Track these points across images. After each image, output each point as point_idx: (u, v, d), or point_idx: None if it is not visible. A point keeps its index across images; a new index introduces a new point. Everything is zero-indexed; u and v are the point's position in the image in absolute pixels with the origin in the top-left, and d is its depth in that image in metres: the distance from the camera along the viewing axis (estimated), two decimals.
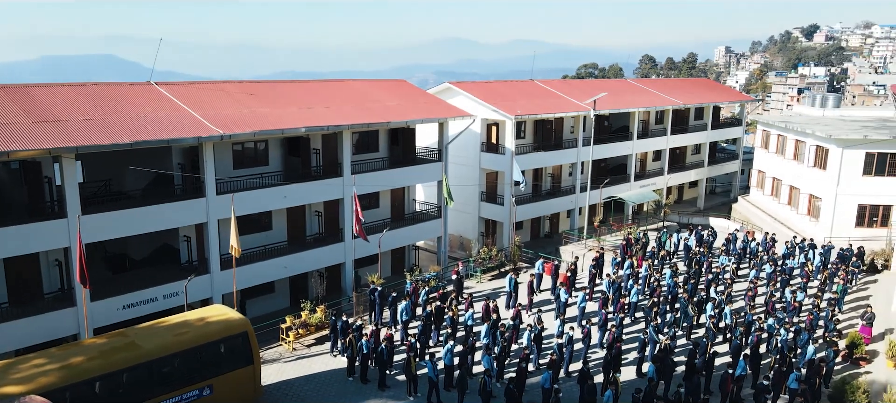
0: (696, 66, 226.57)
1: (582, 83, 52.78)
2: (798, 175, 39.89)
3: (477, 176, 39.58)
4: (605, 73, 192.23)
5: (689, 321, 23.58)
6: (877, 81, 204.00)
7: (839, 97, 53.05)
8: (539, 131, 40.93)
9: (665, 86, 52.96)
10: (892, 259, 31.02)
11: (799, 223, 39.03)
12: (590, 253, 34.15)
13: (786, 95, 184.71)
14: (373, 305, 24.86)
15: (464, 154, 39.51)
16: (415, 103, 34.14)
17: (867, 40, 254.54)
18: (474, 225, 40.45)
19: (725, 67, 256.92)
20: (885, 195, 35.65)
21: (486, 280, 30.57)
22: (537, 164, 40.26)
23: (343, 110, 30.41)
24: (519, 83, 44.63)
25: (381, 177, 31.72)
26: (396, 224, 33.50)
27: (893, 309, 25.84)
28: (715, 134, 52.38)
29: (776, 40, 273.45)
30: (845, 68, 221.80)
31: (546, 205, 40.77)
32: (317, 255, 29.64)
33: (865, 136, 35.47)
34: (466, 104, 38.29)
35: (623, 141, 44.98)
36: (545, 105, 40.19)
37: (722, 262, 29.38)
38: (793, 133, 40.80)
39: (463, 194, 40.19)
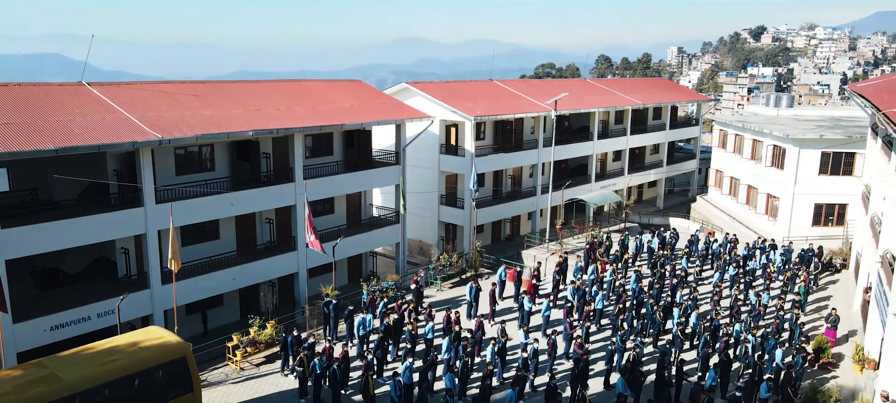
0: (650, 66, 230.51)
1: (542, 83, 52.24)
2: (756, 174, 40.04)
3: (436, 178, 38.45)
4: (563, 73, 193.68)
5: (655, 327, 22.95)
6: (821, 81, 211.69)
7: (792, 97, 53.84)
8: (499, 132, 40.07)
9: (624, 86, 52.84)
10: (849, 258, 31.16)
11: (757, 222, 39.17)
12: (553, 257, 33.40)
13: (736, 94, 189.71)
14: (327, 319, 23.44)
15: (422, 156, 38.33)
16: (370, 104, 32.79)
17: (811, 41, 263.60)
18: (434, 229, 39.32)
19: (678, 67, 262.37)
20: (841, 194, 35.96)
21: (446, 288, 29.46)
22: (498, 166, 39.38)
23: (294, 112, 28.88)
24: (478, 83, 43.70)
25: (335, 182, 30.31)
26: (353, 230, 32.11)
27: (855, 309, 25.77)
28: (673, 133, 52.54)
29: (726, 41, 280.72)
30: (791, 68, 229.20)
31: (507, 208, 39.93)
32: (268, 265, 28.06)
33: (821, 136, 35.72)
34: (424, 105, 37.12)
35: (583, 141, 44.52)
36: (505, 105, 39.33)
37: (684, 265, 28.94)
38: (750, 133, 40.95)
39: (422, 197, 39.02)
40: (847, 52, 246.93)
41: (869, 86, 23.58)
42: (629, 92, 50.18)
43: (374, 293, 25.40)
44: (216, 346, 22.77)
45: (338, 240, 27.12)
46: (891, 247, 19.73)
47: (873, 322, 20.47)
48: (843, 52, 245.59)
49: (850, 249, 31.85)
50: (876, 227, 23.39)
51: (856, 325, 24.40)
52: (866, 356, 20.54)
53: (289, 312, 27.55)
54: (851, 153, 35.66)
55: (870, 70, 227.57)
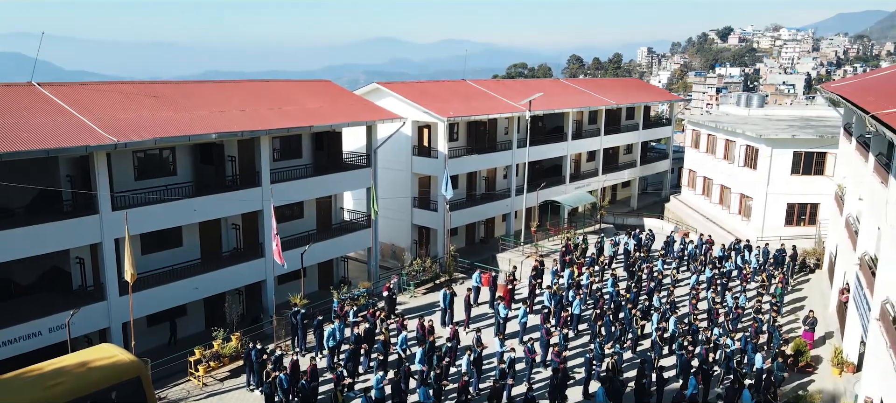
0: (621, 66, 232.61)
1: (514, 83, 51.74)
2: (729, 174, 40.05)
3: (408, 181, 37.60)
4: (535, 73, 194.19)
5: (633, 333, 22.47)
6: (786, 81, 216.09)
7: (763, 97, 54.25)
8: (472, 133, 39.38)
9: (597, 86, 52.61)
10: (823, 257, 31.19)
11: (731, 222, 39.17)
12: (528, 260, 32.83)
13: (705, 94, 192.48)
14: (295, 329, 22.46)
15: (395, 158, 37.45)
16: (340, 105, 31.82)
17: (776, 42, 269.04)
18: (407, 232, 38.46)
19: (648, 67, 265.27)
20: (812, 194, 36.11)
21: (420, 294, 28.66)
22: (471, 168, 38.68)
23: (261, 113, 27.78)
24: (450, 83, 42.97)
25: (304, 186, 29.26)
26: (323, 235, 31.11)
27: (831, 310, 25.69)
28: (646, 133, 52.49)
29: (694, 42, 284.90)
30: (758, 69, 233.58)
31: (481, 210, 39.26)
32: (234, 273, 26.90)
33: (793, 136, 35.80)
34: (396, 106, 36.24)
35: (557, 142, 44.09)
36: (478, 106, 38.67)
37: (660, 267, 28.60)
38: (723, 133, 40.97)
39: (394, 200, 38.14)
40: (811, 52, 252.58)
41: (845, 87, 23.50)
42: (602, 92, 49.97)
43: (344, 301, 24.48)
44: (178, 361, 21.62)
45: (306, 247, 26.11)
46: (869, 249, 19.54)
47: (852, 324, 20.28)
48: (807, 53, 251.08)
49: (823, 249, 31.91)
50: (852, 228, 23.29)
51: (832, 327, 24.29)
52: (845, 359, 20.33)
53: (257, 322, 26.47)
54: (823, 153, 35.83)
55: (833, 70, 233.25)
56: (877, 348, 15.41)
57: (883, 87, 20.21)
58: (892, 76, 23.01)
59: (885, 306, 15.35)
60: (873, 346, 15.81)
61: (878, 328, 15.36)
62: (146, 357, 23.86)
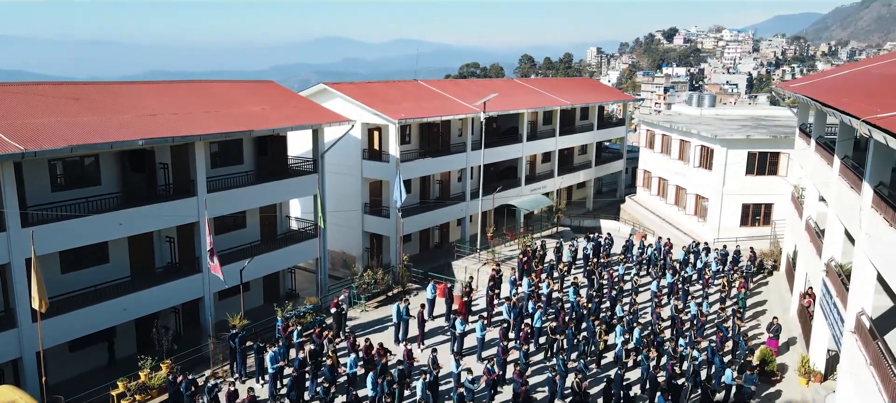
0: (571, 66, 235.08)
1: (468, 83, 50.53)
2: (684, 175, 39.77)
3: (359, 186, 35.87)
4: (487, 73, 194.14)
5: (596, 346, 21.40)
6: (730, 81, 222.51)
7: (714, 97, 54.60)
8: (425, 135, 37.93)
9: (551, 86, 51.91)
10: (780, 259, 30.98)
11: (687, 223, 38.87)
12: (485, 267, 31.57)
13: (654, 93, 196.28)
14: (234, 353, 20.54)
15: (344, 162, 35.66)
16: (284, 108, 29.88)
17: (719, 43, 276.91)
18: (358, 240, 36.70)
19: (598, 67, 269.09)
20: (766, 194, 36.08)
21: (371, 308, 27.01)
22: (424, 171, 37.21)
23: (196, 117, 25.64)
24: (402, 84, 41.41)
25: (245, 195, 27.22)
26: (268, 246, 29.12)
27: (792, 314, 25.28)
28: (601, 133, 52.06)
29: (641, 42, 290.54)
30: (702, 68, 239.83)
31: (435, 216, 37.83)
32: (168, 291, 24.69)
33: (748, 136, 35.65)
34: (345, 107, 34.48)
35: (513, 143, 43.06)
36: (431, 107, 37.23)
37: (620, 273, 27.75)
38: (677, 133, 40.67)
39: (344, 206, 36.35)
40: (751, 53, 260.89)
41: (806, 87, 23.07)
42: (557, 92, 49.25)
43: (288, 319, 22.66)
44: (101, 393, 19.42)
45: (245, 262, 24.13)
46: (835, 255, 18.96)
47: (819, 332, 19.70)
48: (748, 53, 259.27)
49: (780, 250, 31.71)
50: (813, 231, 22.83)
51: (794, 332, 23.82)
52: (812, 368, 19.75)
53: (195, 344, 24.33)
54: (776, 153, 35.82)
55: (772, 70, 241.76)
56: (852, 361, 14.67)
57: (849, 87, 19.70)
58: (851, 75, 22.66)
59: (860, 318, 14.61)
60: (848, 359, 15.08)
61: (853, 341, 14.61)
62: (72, 384, 21.63)
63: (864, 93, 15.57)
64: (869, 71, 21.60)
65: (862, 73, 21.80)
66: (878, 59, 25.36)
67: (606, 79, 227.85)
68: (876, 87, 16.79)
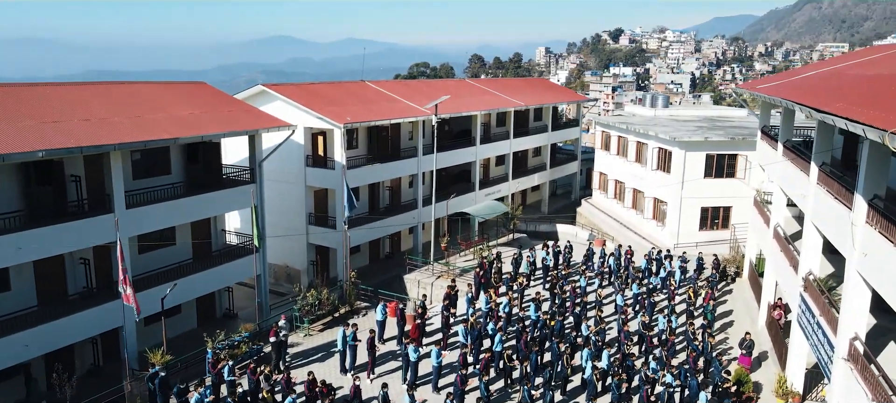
0: (521, 66, 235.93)
1: (418, 84, 48.46)
2: (642, 178, 38.75)
3: (303, 195, 33.35)
4: (437, 72, 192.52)
5: (563, 372, 19.69)
6: (674, 80, 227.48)
7: (667, 97, 54.12)
8: (374, 139, 35.71)
9: (504, 87, 50.34)
10: (743, 265, 30.09)
11: (646, 228, 37.85)
12: (439, 281, 29.61)
13: (602, 93, 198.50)
14: (153, 397, 17.92)
15: (286, 170, 33.12)
16: (217, 112, 27.16)
17: (663, 43, 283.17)
18: (303, 252, 34.17)
19: (547, 67, 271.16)
20: (725, 197, 35.35)
21: (316, 331, 24.63)
22: (373, 178, 34.99)
23: (112, 123, 22.73)
24: (348, 85, 39.05)
25: (172, 209, 24.43)
26: (200, 264, 26.39)
27: (760, 326, 24.22)
28: (555, 135, 50.83)
29: (588, 42, 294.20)
30: (647, 68, 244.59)
31: (385, 225, 35.61)
32: (81, 321, 21.72)
33: (706, 138, 34.80)
34: (286, 111, 31.94)
35: (466, 146, 41.25)
36: (379, 109, 35.02)
37: (582, 285, 26.21)
38: (634, 135, 39.64)
39: (287, 217, 33.79)
40: (693, 53, 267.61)
41: (776, 86, 22.00)
42: (510, 92, 47.73)
43: (220, 351, 20.13)
44: None
45: (168, 289, 21.43)
46: (814, 268, 17.76)
47: (797, 350, 18.50)
48: (691, 54, 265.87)
49: (742, 256, 30.84)
50: (783, 239, 21.75)
51: (764, 345, 22.71)
52: (790, 388, 18.53)
53: (117, 380, 21.43)
54: (734, 155, 35.11)
55: (714, 70, 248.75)
56: (847, 391, 13.33)
57: (829, 89, 18.58)
58: (823, 76, 21.69)
59: (853, 344, 13.28)
60: (842, 388, 13.74)
61: (847, 369, 13.28)
62: None
63: (860, 97, 14.29)
64: (841, 72, 20.63)
65: (834, 75, 20.82)
66: (845, 58, 24.63)
67: (555, 78, 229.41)
68: (866, 90, 15.61)
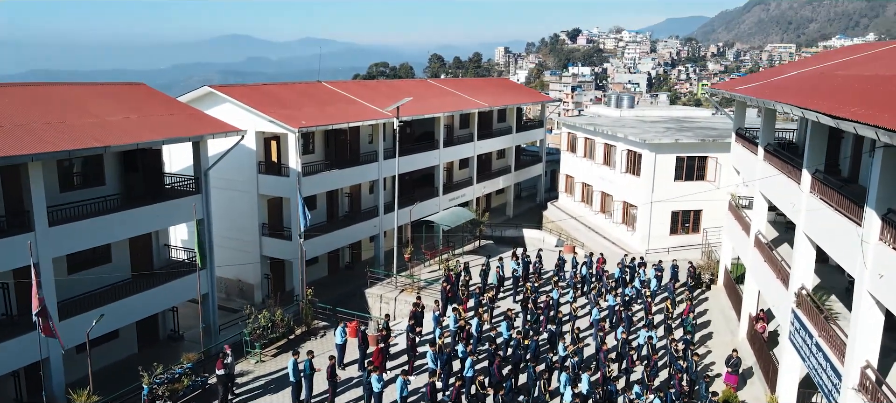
0: (481, 65, 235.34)
1: (378, 85, 46.46)
2: (610, 181, 37.64)
3: (255, 204, 31.08)
4: (397, 72, 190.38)
5: (541, 398, 18.13)
6: (631, 80, 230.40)
7: (633, 97, 53.38)
8: (332, 144, 33.65)
9: (467, 87, 48.73)
10: (718, 271, 29.13)
11: (615, 232, 36.74)
12: (402, 295, 27.79)
13: (562, 92, 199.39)
14: None
15: (236, 177, 30.83)
16: (157, 116, 24.75)
17: (619, 43, 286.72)
18: (256, 265, 31.88)
19: (506, 66, 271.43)
20: (695, 200, 34.39)
21: (269, 357, 22.50)
22: (331, 185, 32.92)
23: (30, 130, 20.16)
24: (304, 86, 36.83)
25: (104, 225, 21.92)
26: (140, 283, 23.94)
27: (741, 337, 23.16)
28: (520, 136, 49.49)
29: (547, 42, 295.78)
30: (605, 68, 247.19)
31: (344, 234, 33.57)
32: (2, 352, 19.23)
33: (676, 140, 33.84)
34: (235, 114, 29.66)
35: (429, 150, 39.50)
36: (337, 112, 32.98)
37: (555, 298, 24.75)
38: (601, 136, 38.51)
39: (238, 228, 31.50)
40: (649, 53, 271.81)
41: (758, 88, 20.93)
42: (473, 93, 46.16)
43: (158, 386, 17.89)
44: None
45: (94, 320, 19.03)
46: (806, 282, 16.61)
47: (788, 367, 17.35)
48: (646, 54, 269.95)
49: (716, 262, 29.90)
50: (764, 246, 20.66)
51: (747, 359, 21.58)
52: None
53: None
54: (704, 157, 34.27)
55: (669, 69, 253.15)
56: None
57: (815, 89, 17.48)
58: (807, 76, 20.70)
59: (865, 372, 12.03)
60: None
61: (859, 401, 12.00)
62: None
63: (857, 99, 13.09)
64: (824, 71, 19.64)
65: (817, 75, 19.81)
66: (826, 57, 23.75)
67: (515, 78, 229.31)
68: (860, 92, 14.48)
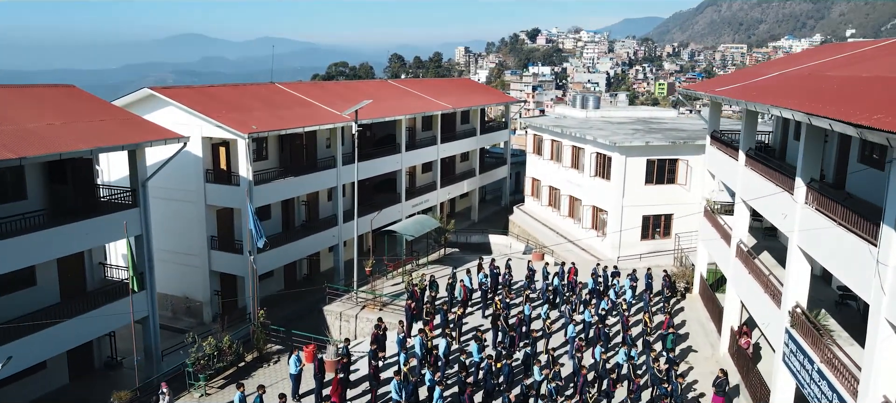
0: (441, 65, 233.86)
1: (336, 86, 44.29)
2: (578, 185, 36.40)
3: (202, 216, 28.72)
4: (357, 72, 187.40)
5: None
6: (591, 80, 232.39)
7: (598, 98, 52.40)
8: (287, 149, 31.53)
9: (429, 88, 47.01)
10: (693, 279, 28.09)
11: (585, 238, 35.49)
12: (364, 313, 25.89)
13: (523, 92, 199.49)
14: None
15: (182, 186, 28.47)
16: (84, 121, 22.28)
17: (578, 43, 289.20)
18: (205, 281, 29.54)
19: (466, 66, 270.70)
20: (666, 204, 33.51)
21: (215, 390, 20.30)
22: (287, 194, 30.77)
23: None
24: (256, 87, 34.52)
25: (25, 245, 19.47)
26: (70, 307, 21.46)
27: (722, 353, 22.04)
28: (484, 138, 48.01)
29: (507, 42, 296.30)
30: (565, 68, 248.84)
31: (301, 246, 31.44)
32: None
33: (647, 143, 32.77)
34: (180, 118, 27.32)
35: (390, 154, 37.63)
36: (291, 116, 30.85)
37: (528, 314, 23.23)
38: (569, 139, 37.24)
39: (184, 241, 29.12)
40: (607, 53, 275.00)
41: (741, 89, 19.76)
42: (435, 94, 44.48)
43: None
44: None
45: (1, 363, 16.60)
46: (800, 300, 15.41)
47: (783, 390, 16.11)
48: (605, 54, 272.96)
49: (690, 269, 28.88)
50: (749, 258, 19.52)
51: (730, 374, 20.40)
52: None
53: None
54: (674, 160, 33.30)
55: (627, 69, 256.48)
56: None
57: (807, 91, 16.30)
58: (793, 76, 19.61)
59: None
60: None
61: None
62: None
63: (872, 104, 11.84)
64: (813, 72, 18.57)
65: (806, 76, 18.73)
66: (808, 57, 22.78)
67: (476, 77, 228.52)
68: (868, 93, 13.30)
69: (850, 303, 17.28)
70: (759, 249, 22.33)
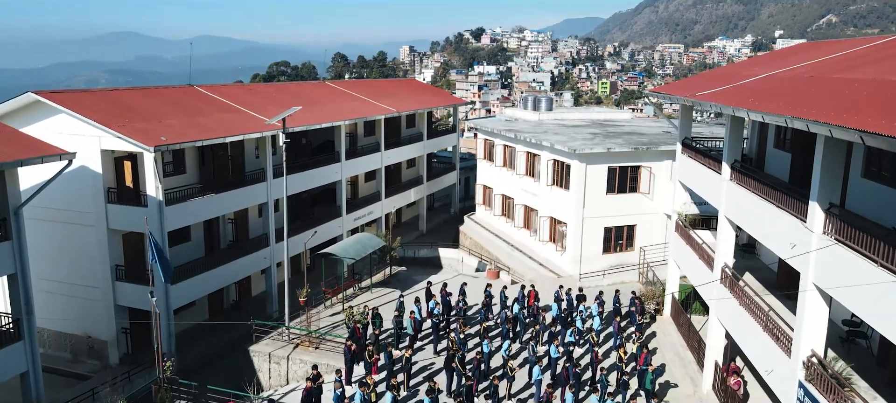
0: (386, 65, 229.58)
1: (268, 89, 40.21)
2: (534, 194, 33.71)
3: (104, 242, 24.53)
4: (299, 71, 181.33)
5: None
6: (536, 79, 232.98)
7: (551, 99, 50.02)
8: (209, 162, 27.62)
9: (372, 90, 43.54)
10: (664, 300, 25.72)
11: (543, 252, 32.82)
12: (296, 352, 22.35)
13: (469, 92, 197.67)
14: None
15: (78, 207, 24.26)
16: None
17: (522, 43, 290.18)
18: (110, 317, 25.34)
19: (411, 65, 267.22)
20: (628, 215, 31.22)
21: None
22: (210, 213, 26.88)
23: None
24: (170, 91, 30.29)
25: None
26: None
27: (705, 390, 19.57)
28: (431, 143, 44.89)
29: (451, 41, 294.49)
30: (509, 67, 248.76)
31: (227, 271, 27.57)
32: None
33: (609, 149, 30.34)
34: (75, 129, 23.14)
35: (329, 163, 34.07)
36: (211, 124, 26.94)
37: (487, 351, 20.25)
38: (523, 144, 34.53)
39: (84, 269, 24.92)
40: (551, 52, 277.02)
41: (723, 92, 17.30)
42: (379, 96, 41.07)
43: None
44: None
45: None
46: (816, 348, 12.90)
47: None
48: (549, 53, 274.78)
49: (659, 287, 26.49)
50: (743, 291, 17.06)
51: None
52: None
53: None
54: (636, 167, 31.02)
55: (570, 68, 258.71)
56: None
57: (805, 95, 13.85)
58: (786, 77, 17.25)
59: None
60: None
61: None
62: None
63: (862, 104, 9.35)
64: (815, 74, 16.22)
65: (807, 78, 16.37)
66: (797, 57, 20.53)
67: (421, 77, 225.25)
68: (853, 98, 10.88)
69: (860, 341, 15.01)
70: (739, 269, 20.01)
